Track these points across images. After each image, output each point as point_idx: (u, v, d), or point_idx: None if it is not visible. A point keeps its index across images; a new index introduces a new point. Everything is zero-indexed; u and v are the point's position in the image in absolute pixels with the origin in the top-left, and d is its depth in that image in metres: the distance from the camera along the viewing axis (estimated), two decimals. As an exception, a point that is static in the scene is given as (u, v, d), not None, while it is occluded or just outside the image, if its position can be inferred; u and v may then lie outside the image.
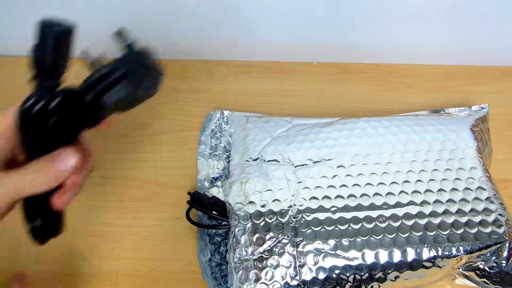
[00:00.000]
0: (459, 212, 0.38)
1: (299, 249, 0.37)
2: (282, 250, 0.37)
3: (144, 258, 0.43)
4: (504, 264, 0.37)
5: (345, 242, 0.37)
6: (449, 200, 0.38)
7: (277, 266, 0.36)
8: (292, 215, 0.38)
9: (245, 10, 0.51)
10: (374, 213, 0.38)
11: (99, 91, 0.27)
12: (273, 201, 0.39)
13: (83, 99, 0.27)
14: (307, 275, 0.36)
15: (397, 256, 0.36)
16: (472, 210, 0.38)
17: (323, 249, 0.36)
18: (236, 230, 0.38)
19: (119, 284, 0.42)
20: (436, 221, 0.37)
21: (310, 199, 0.39)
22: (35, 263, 0.37)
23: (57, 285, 0.41)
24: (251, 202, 0.39)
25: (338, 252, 0.36)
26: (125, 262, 0.43)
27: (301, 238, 0.37)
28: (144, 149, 0.50)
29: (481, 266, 0.38)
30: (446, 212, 0.38)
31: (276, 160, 0.42)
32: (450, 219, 0.37)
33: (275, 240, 0.37)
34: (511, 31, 0.53)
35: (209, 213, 0.41)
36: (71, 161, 0.27)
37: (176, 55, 0.57)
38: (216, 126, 0.49)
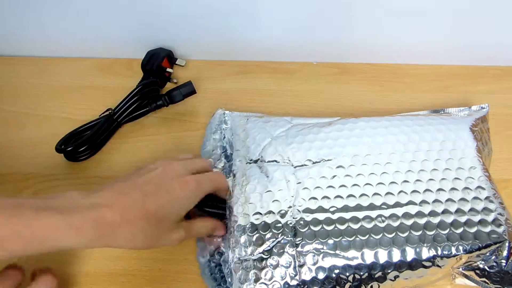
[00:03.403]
0: (459, 211, 0.38)
1: (299, 249, 0.37)
2: (281, 250, 0.37)
3: (144, 258, 0.43)
4: (503, 264, 0.37)
5: (344, 242, 0.37)
6: (448, 200, 0.38)
7: (277, 266, 0.36)
8: (291, 216, 0.38)
9: (245, 10, 0.51)
10: (373, 213, 0.38)
11: None
12: (273, 201, 0.39)
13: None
14: (306, 275, 0.36)
15: (396, 256, 0.36)
16: (471, 209, 0.38)
17: (322, 249, 0.37)
18: (236, 230, 0.38)
19: (119, 284, 0.42)
20: (436, 220, 0.37)
21: (309, 199, 0.39)
22: (36, 262, 0.37)
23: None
24: (251, 203, 0.39)
25: (338, 252, 0.36)
26: (125, 262, 0.43)
27: (301, 238, 0.37)
28: (145, 150, 0.50)
29: (481, 266, 0.38)
30: (445, 211, 0.38)
31: (275, 161, 0.42)
32: (449, 219, 0.37)
33: (275, 240, 0.37)
34: (511, 31, 0.53)
35: (204, 207, 0.41)
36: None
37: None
38: (217, 126, 0.49)
